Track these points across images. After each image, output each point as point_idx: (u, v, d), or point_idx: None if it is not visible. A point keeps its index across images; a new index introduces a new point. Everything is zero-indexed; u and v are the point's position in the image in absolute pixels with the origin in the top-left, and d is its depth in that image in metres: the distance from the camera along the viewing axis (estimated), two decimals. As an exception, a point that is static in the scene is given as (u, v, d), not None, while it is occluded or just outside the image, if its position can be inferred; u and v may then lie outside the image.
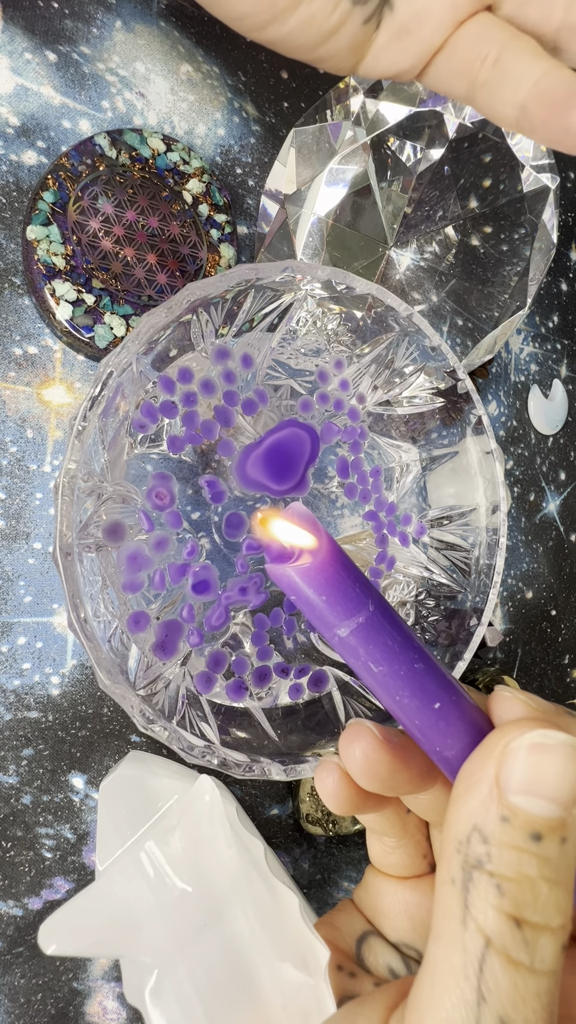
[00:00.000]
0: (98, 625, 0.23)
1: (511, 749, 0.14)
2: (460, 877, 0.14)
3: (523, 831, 0.13)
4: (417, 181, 0.34)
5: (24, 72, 0.31)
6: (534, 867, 0.13)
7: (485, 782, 0.14)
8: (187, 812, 0.27)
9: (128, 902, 0.26)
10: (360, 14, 0.20)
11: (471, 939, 0.13)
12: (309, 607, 0.15)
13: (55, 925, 0.25)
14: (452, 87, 0.22)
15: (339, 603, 0.15)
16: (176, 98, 0.35)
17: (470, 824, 0.14)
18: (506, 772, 0.14)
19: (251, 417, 0.28)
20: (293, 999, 0.24)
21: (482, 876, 0.13)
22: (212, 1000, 0.25)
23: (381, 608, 0.15)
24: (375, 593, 0.16)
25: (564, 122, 0.19)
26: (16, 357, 0.31)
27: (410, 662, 0.15)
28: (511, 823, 0.13)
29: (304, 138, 0.33)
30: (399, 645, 0.15)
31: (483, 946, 0.13)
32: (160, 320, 0.23)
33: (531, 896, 0.13)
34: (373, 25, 0.21)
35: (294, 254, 0.34)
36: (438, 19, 0.20)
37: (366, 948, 0.22)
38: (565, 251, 0.47)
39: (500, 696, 0.16)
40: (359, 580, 0.15)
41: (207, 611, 0.27)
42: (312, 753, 0.26)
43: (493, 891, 0.13)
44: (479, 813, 0.14)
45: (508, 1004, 0.13)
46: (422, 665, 0.15)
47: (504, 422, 0.44)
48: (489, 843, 0.13)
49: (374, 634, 0.15)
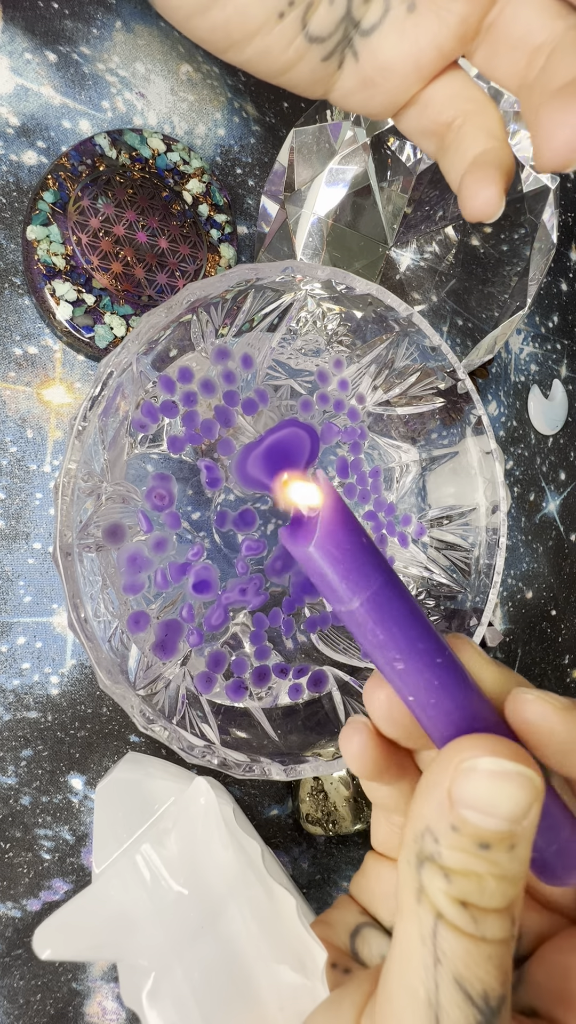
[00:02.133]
0: (98, 625, 0.23)
1: (465, 768, 0.14)
2: (415, 861, 0.15)
3: (471, 840, 0.14)
4: (417, 181, 0.34)
5: (24, 72, 0.31)
6: (482, 867, 0.14)
7: (439, 791, 0.15)
8: (183, 815, 0.27)
9: (124, 905, 0.26)
10: (317, 52, 0.21)
11: (424, 912, 0.14)
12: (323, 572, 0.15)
13: (50, 930, 0.25)
14: (423, 144, 0.23)
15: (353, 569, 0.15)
16: (176, 98, 0.35)
17: (424, 824, 0.15)
18: (458, 788, 0.14)
19: (251, 417, 0.28)
20: (290, 1001, 0.24)
21: (433, 865, 0.15)
22: (209, 1002, 0.25)
23: (393, 579, 0.16)
24: (386, 564, 0.16)
25: (465, 189, 0.21)
26: (16, 357, 0.31)
27: (413, 638, 0.16)
28: (460, 832, 0.14)
29: (304, 138, 0.33)
30: (407, 619, 0.15)
31: (434, 918, 0.14)
32: (160, 320, 0.23)
33: (477, 888, 0.14)
34: (335, 63, 0.21)
35: (294, 254, 0.34)
36: (401, 76, 0.21)
37: (360, 940, 0.22)
38: (565, 251, 0.47)
39: (523, 700, 0.16)
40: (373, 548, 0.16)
41: (207, 611, 0.27)
42: (312, 753, 0.26)
43: (442, 878, 0.14)
44: (432, 817, 0.15)
45: (461, 965, 0.14)
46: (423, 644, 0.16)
47: (504, 422, 0.44)
48: (440, 844, 0.14)
49: (385, 605, 0.15)
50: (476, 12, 0.20)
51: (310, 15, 0.20)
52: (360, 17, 0.20)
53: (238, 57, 0.21)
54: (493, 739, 0.15)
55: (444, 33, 0.20)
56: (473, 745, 0.15)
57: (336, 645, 0.30)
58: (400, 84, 0.21)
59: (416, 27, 0.20)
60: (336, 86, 0.22)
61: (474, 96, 0.21)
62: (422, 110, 0.22)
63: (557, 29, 0.19)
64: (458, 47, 0.21)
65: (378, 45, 0.20)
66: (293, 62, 0.21)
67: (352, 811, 0.34)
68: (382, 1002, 0.15)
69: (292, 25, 0.20)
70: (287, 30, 0.20)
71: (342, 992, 0.19)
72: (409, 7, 0.20)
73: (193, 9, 0.20)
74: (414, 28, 0.20)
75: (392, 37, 0.20)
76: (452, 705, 0.16)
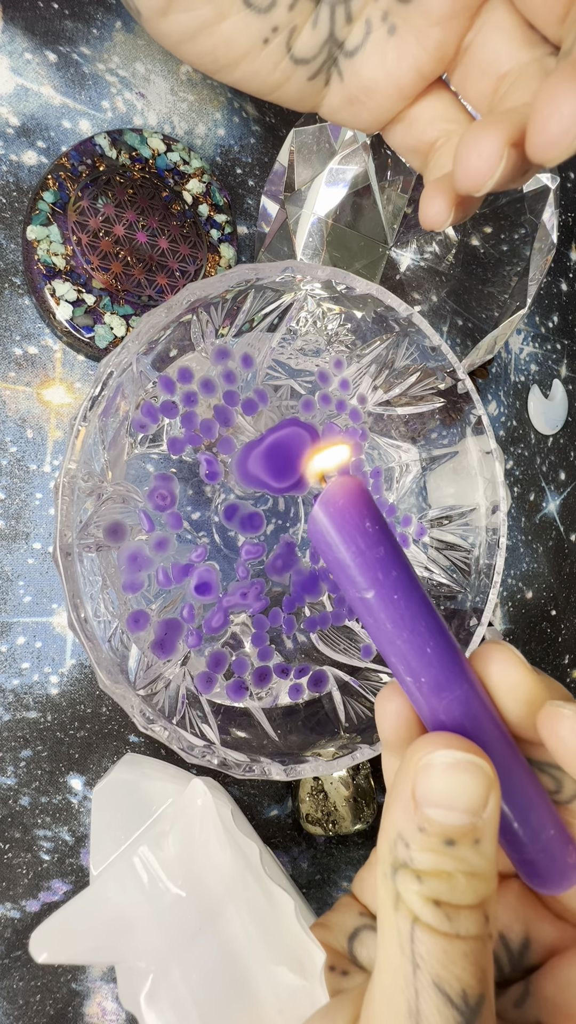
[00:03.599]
0: (98, 625, 0.23)
1: (422, 766, 0.15)
2: (390, 872, 0.15)
3: (438, 838, 0.15)
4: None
5: (24, 72, 0.31)
6: (450, 864, 0.15)
7: (405, 795, 0.15)
8: (180, 816, 0.27)
9: (122, 907, 0.26)
10: (303, 72, 0.21)
11: (401, 919, 0.15)
12: (341, 556, 0.16)
13: (46, 933, 0.25)
14: (410, 159, 0.23)
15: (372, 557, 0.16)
16: (176, 98, 0.35)
17: (395, 831, 0.15)
18: (420, 788, 0.15)
19: (251, 417, 0.28)
20: (288, 1002, 0.24)
21: (406, 871, 0.15)
22: (207, 1004, 0.25)
23: (410, 571, 0.16)
24: (405, 556, 0.16)
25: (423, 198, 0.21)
26: (16, 357, 0.31)
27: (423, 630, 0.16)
28: (427, 832, 0.15)
29: (304, 138, 0.33)
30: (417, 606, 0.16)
31: (411, 922, 0.15)
32: (160, 320, 0.23)
33: (448, 886, 0.15)
34: (321, 81, 0.22)
35: (294, 254, 0.34)
36: (383, 96, 0.21)
37: (357, 943, 0.22)
38: (565, 251, 0.47)
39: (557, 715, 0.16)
40: (393, 537, 0.16)
41: (207, 613, 0.27)
42: (312, 753, 0.26)
43: (415, 881, 0.15)
44: (401, 822, 0.15)
45: (439, 966, 0.14)
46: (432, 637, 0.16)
47: (504, 422, 0.44)
48: (411, 848, 0.15)
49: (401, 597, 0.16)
50: (453, 37, 0.20)
51: (294, 39, 0.20)
52: (344, 38, 0.21)
53: (227, 78, 0.22)
54: (446, 735, 0.15)
55: (423, 56, 0.21)
56: (428, 742, 0.15)
57: (336, 645, 0.30)
58: (383, 103, 0.22)
59: (396, 49, 0.21)
60: (324, 102, 0.22)
61: (456, 117, 0.22)
62: (408, 128, 0.22)
63: (523, 59, 0.20)
64: (437, 68, 0.21)
65: (361, 66, 0.21)
66: (280, 83, 0.21)
67: (352, 811, 0.34)
68: (366, 1019, 0.16)
69: (277, 50, 0.21)
70: (272, 54, 0.21)
71: (338, 1004, 0.19)
72: (390, 30, 0.20)
73: (182, 37, 0.20)
74: (395, 50, 0.21)
75: (374, 58, 0.21)
76: (436, 705, 0.16)
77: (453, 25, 0.20)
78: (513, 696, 0.17)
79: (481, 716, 0.16)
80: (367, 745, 0.26)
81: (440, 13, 0.20)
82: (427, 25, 0.20)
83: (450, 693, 0.16)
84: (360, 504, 0.16)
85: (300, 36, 0.20)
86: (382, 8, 0.20)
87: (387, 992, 0.15)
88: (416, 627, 0.16)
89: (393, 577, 0.16)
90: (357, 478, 0.16)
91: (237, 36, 0.20)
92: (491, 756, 0.16)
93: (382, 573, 0.16)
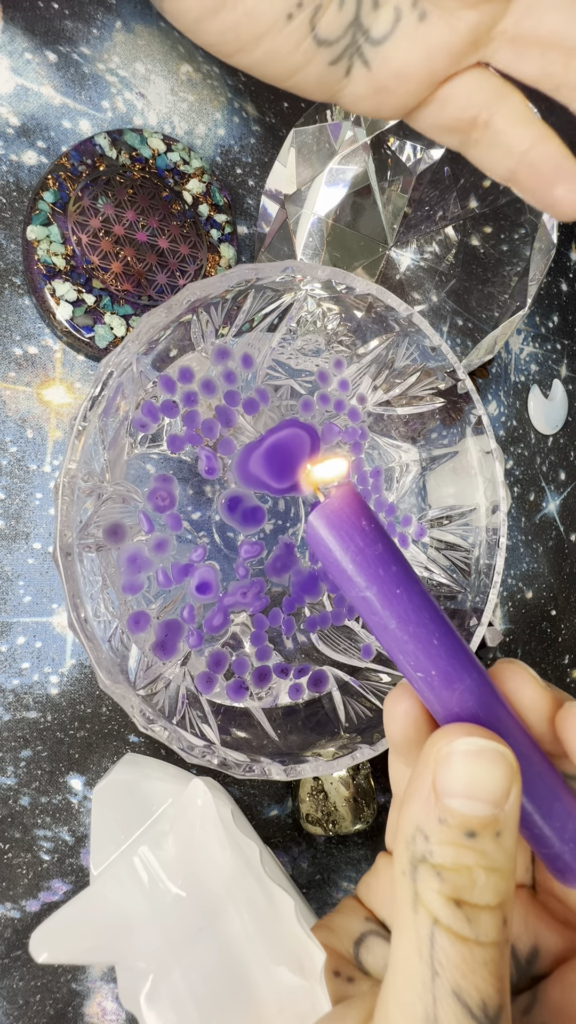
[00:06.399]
0: (98, 625, 0.23)
1: (443, 756, 0.15)
2: (409, 870, 0.15)
3: (459, 830, 0.14)
4: (417, 181, 0.34)
5: (24, 72, 0.31)
6: (471, 858, 0.14)
7: (424, 787, 0.15)
8: (180, 816, 0.27)
9: (122, 907, 0.26)
10: (325, 55, 0.21)
11: (421, 921, 0.14)
12: (337, 558, 0.16)
13: (46, 933, 0.25)
14: (443, 139, 0.23)
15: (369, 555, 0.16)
16: (176, 98, 0.35)
17: (414, 825, 0.15)
18: (440, 778, 0.15)
19: (251, 417, 0.28)
20: (289, 1002, 0.24)
21: (426, 867, 0.15)
22: (208, 1004, 0.25)
23: (407, 567, 0.16)
24: (400, 553, 0.16)
25: (550, 197, 0.21)
26: (16, 357, 0.31)
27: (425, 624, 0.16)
28: (448, 824, 0.15)
29: (304, 138, 0.33)
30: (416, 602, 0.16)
31: (431, 925, 0.14)
32: (160, 320, 0.23)
33: (469, 882, 0.14)
34: (342, 68, 0.21)
35: (294, 254, 0.34)
36: (415, 82, 0.21)
37: (364, 949, 0.22)
38: (565, 251, 0.47)
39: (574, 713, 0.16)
40: (388, 536, 0.16)
41: (207, 613, 0.27)
42: (312, 753, 0.26)
43: (435, 878, 0.14)
44: (420, 816, 0.15)
45: (458, 975, 0.14)
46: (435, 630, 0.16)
47: (504, 422, 0.44)
48: (430, 841, 0.15)
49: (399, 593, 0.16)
50: (487, 20, 0.20)
51: (319, 18, 0.20)
52: (369, 24, 0.20)
53: (246, 60, 0.21)
54: (466, 724, 0.15)
55: (456, 40, 0.20)
56: (449, 731, 0.15)
57: (336, 645, 0.30)
58: (414, 89, 0.21)
59: (428, 36, 0.20)
60: (346, 91, 0.22)
61: (495, 86, 0.21)
62: (440, 108, 0.22)
63: None
64: (470, 52, 0.21)
65: (391, 53, 0.20)
66: (301, 65, 0.21)
67: (352, 811, 0.34)
68: (380, 1021, 0.15)
69: (300, 27, 0.20)
70: (295, 32, 0.20)
71: (345, 1008, 0.19)
72: (420, 16, 0.20)
73: (202, 12, 0.20)
74: (426, 37, 0.20)
75: (405, 45, 0.20)
76: (448, 697, 0.16)
77: (487, 8, 0.20)
78: (530, 711, 0.17)
79: (495, 705, 0.16)
80: (367, 745, 0.26)
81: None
82: (459, 8, 0.20)
83: (461, 683, 0.16)
84: (355, 504, 0.16)
85: (326, 15, 0.20)
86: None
87: (403, 997, 0.15)
88: (420, 619, 0.16)
89: (393, 572, 0.16)
90: (350, 481, 0.16)
91: (260, 8, 0.19)
92: (509, 745, 0.15)
93: (382, 569, 0.16)
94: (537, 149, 0.21)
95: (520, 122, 0.21)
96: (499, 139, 0.21)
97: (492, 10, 0.20)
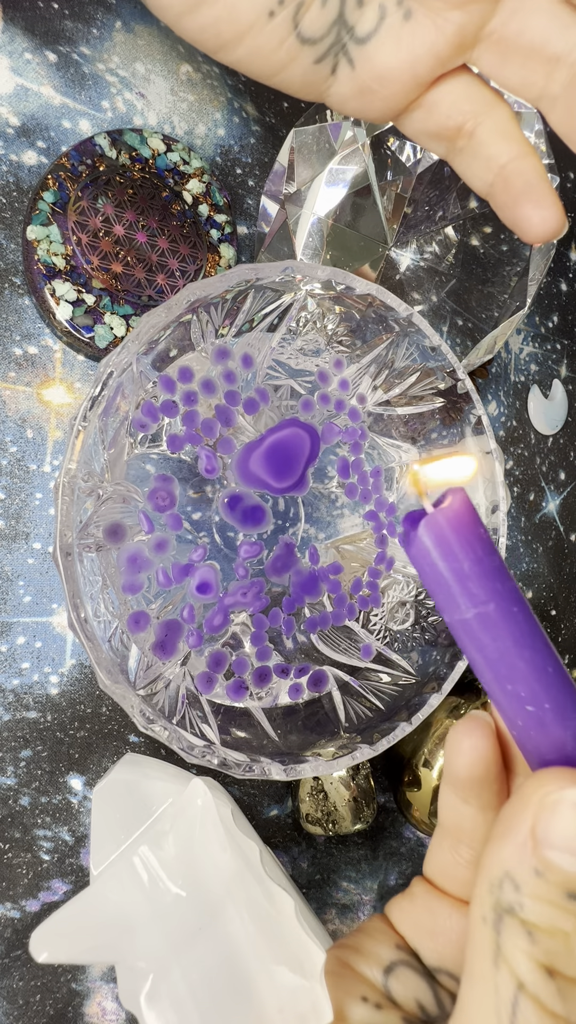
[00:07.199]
0: (98, 625, 0.23)
1: (550, 802, 0.13)
2: (492, 917, 0.13)
3: (559, 888, 0.13)
4: (417, 181, 0.34)
5: (24, 72, 0.31)
6: (570, 923, 0.13)
7: (521, 830, 0.13)
8: (180, 816, 0.27)
9: (122, 907, 0.26)
10: (310, 53, 0.20)
11: (503, 981, 0.13)
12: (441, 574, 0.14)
13: (46, 933, 0.25)
14: (431, 146, 0.22)
15: (475, 574, 0.14)
16: (176, 98, 0.35)
17: (502, 869, 0.13)
18: (543, 825, 0.13)
19: (251, 417, 0.28)
20: (289, 1002, 0.24)
21: (514, 920, 0.13)
22: (208, 1004, 0.25)
23: (515, 591, 0.14)
24: (509, 574, 0.15)
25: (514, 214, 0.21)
26: (16, 357, 0.31)
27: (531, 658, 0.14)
28: (545, 878, 0.13)
29: (304, 138, 0.33)
30: (527, 636, 0.14)
31: (515, 989, 0.13)
32: (160, 320, 0.23)
33: (565, 949, 0.13)
34: (327, 67, 0.21)
35: (294, 254, 0.34)
36: (399, 84, 0.21)
37: (393, 979, 0.20)
38: (565, 251, 0.47)
39: None
40: (498, 555, 0.14)
41: (207, 613, 0.27)
42: (312, 753, 0.26)
43: (524, 937, 0.13)
44: (512, 861, 0.13)
45: None
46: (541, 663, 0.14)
47: (504, 422, 0.44)
48: (521, 892, 0.13)
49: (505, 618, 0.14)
50: (474, 21, 0.20)
51: (301, 15, 0.19)
52: (354, 22, 0.20)
53: (230, 57, 0.21)
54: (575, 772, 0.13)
55: (441, 42, 0.20)
56: (559, 776, 0.13)
57: (336, 645, 0.30)
58: (398, 91, 0.21)
59: (413, 36, 0.20)
60: (332, 91, 0.22)
61: (483, 96, 0.21)
62: (428, 113, 0.21)
63: (572, 39, 0.19)
64: (456, 55, 0.20)
65: (374, 53, 0.20)
66: (285, 63, 0.20)
67: (352, 811, 0.34)
68: None
69: (283, 25, 0.20)
70: (278, 29, 0.20)
71: None
72: (405, 15, 0.20)
73: (183, 8, 0.19)
74: (410, 37, 0.20)
75: (389, 46, 0.20)
76: (562, 735, 0.14)
77: (474, 9, 0.19)
78: None
79: None
80: (367, 745, 0.26)
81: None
82: (446, 9, 0.19)
83: (575, 721, 0.14)
84: (472, 511, 0.14)
85: (308, 13, 0.19)
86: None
87: None
88: (536, 644, 0.14)
89: (509, 588, 0.14)
90: (461, 488, 0.15)
91: (241, 5, 0.19)
92: None
93: (500, 583, 0.14)
94: (513, 164, 0.21)
95: (502, 136, 0.21)
96: (481, 150, 0.21)
97: (480, 11, 0.19)
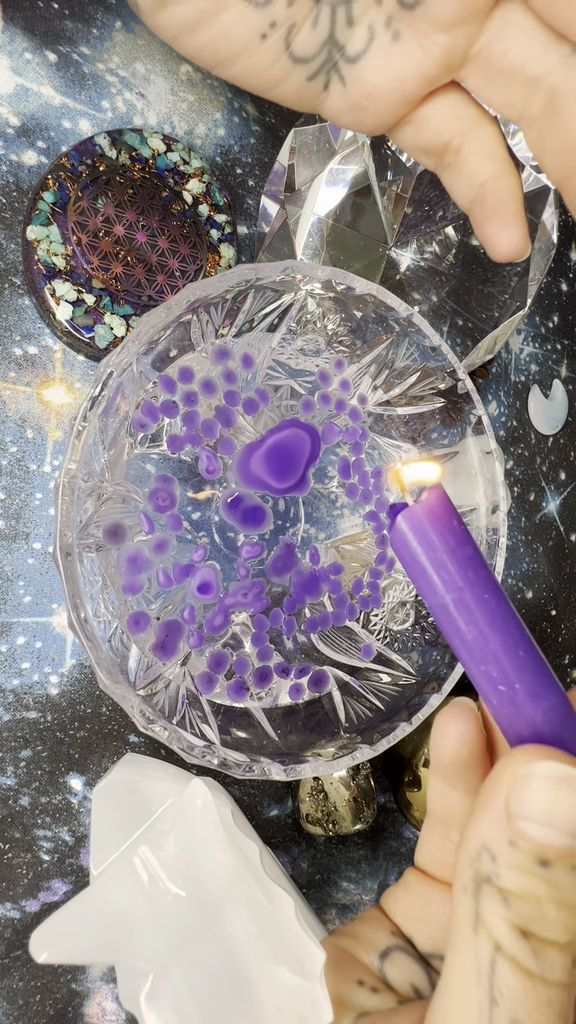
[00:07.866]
0: (98, 625, 0.23)
1: (521, 776, 0.14)
2: (471, 888, 0.14)
3: (531, 856, 0.13)
4: (417, 181, 0.34)
5: (24, 72, 0.31)
6: (541, 889, 0.13)
7: (497, 804, 0.14)
8: (180, 816, 0.27)
9: (122, 907, 0.26)
10: (302, 71, 0.21)
11: (482, 944, 0.14)
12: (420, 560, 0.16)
13: (46, 933, 0.25)
14: (421, 160, 0.23)
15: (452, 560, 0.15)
16: (176, 98, 0.35)
17: (480, 842, 0.14)
18: (515, 798, 0.14)
19: (252, 417, 0.28)
20: (289, 1002, 0.24)
21: (491, 888, 0.14)
22: (208, 1004, 0.25)
23: (489, 576, 0.16)
24: (484, 560, 0.16)
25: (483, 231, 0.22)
26: (16, 357, 0.31)
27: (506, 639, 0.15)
28: (519, 847, 0.14)
29: (304, 138, 0.33)
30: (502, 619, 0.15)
31: (493, 951, 0.13)
32: (160, 320, 0.23)
33: (538, 913, 0.13)
34: (320, 83, 0.21)
35: (294, 254, 0.34)
36: (388, 102, 0.21)
37: (390, 964, 0.21)
38: (565, 251, 0.47)
39: None
40: (472, 541, 0.16)
41: (207, 613, 0.27)
42: (312, 753, 0.26)
43: (501, 903, 0.14)
44: (489, 833, 0.14)
45: (520, 1009, 0.13)
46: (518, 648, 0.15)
47: (504, 422, 0.44)
48: (497, 862, 0.14)
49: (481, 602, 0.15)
50: (460, 43, 0.20)
51: (293, 36, 0.20)
52: (344, 42, 0.20)
53: (226, 73, 0.22)
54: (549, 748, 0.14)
55: (428, 63, 0.20)
56: (530, 752, 0.14)
57: (336, 645, 0.30)
58: (388, 108, 0.21)
59: (401, 56, 0.20)
60: (325, 105, 0.22)
61: (470, 115, 0.22)
62: (418, 129, 0.22)
63: (551, 62, 0.20)
64: (444, 75, 0.21)
65: (364, 72, 0.21)
66: (279, 80, 0.21)
67: (352, 811, 0.34)
68: None
69: (275, 46, 0.20)
70: (271, 50, 0.20)
71: (384, 1022, 0.18)
72: (393, 36, 0.20)
73: (180, 29, 0.20)
74: (399, 57, 0.20)
75: (378, 65, 0.21)
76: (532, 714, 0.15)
77: (461, 31, 0.20)
78: None
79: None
80: (367, 745, 0.26)
81: (447, 19, 0.19)
82: (433, 31, 0.20)
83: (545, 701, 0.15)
84: (447, 505, 0.16)
85: (299, 34, 0.20)
86: (386, 13, 0.20)
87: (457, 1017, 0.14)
88: (508, 628, 0.15)
89: (482, 576, 0.15)
90: (440, 483, 0.16)
91: (235, 29, 0.20)
92: None
93: (472, 571, 0.15)
94: (491, 183, 0.21)
95: (486, 155, 0.21)
96: (465, 167, 0.22)
97: (466, 33, 0.20)
